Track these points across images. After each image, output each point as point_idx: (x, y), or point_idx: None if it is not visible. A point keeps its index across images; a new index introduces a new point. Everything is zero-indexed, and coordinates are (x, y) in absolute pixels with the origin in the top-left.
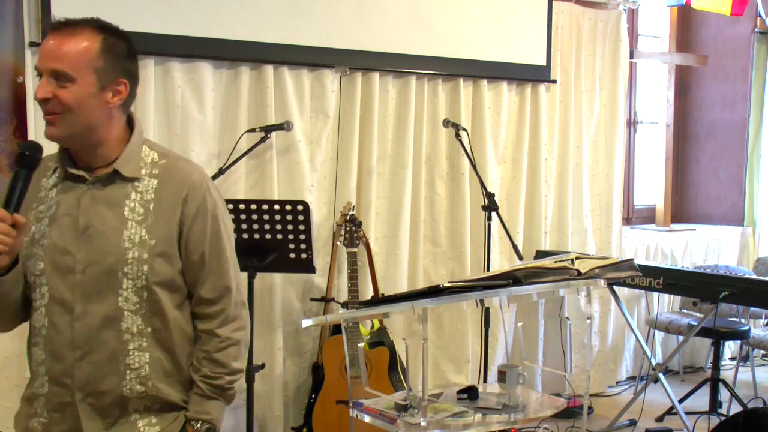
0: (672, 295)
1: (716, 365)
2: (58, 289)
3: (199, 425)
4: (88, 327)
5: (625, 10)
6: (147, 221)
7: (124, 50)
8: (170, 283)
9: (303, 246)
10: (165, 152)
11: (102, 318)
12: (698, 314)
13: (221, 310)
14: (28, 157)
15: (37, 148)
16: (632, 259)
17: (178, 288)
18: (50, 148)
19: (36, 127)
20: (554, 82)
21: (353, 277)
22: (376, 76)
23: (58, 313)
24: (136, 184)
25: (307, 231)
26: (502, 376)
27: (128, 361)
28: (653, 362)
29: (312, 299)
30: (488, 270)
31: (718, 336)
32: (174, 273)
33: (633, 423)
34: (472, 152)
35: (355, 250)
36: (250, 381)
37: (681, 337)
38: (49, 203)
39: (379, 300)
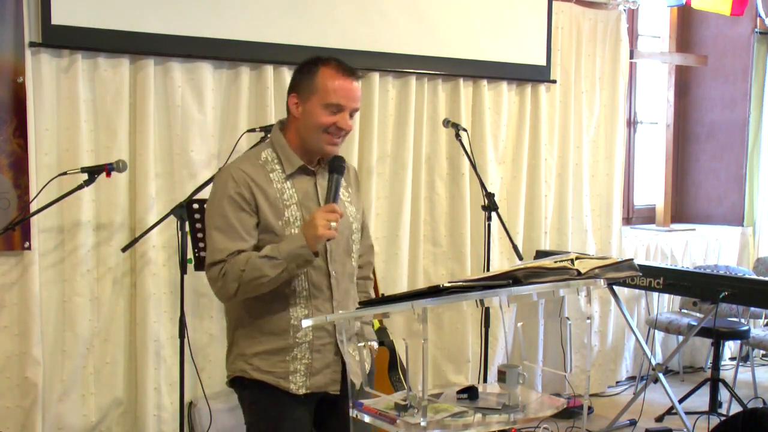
0: (672, 295)
1: (716, 365)
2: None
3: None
4: (339, 283)
5: (625, 10)
6: (353, 202)
7: None
8: None
9: None
10: None
11: (347, 275)
12: (698, 314)
13: (370, 262)
14: (338, 166)
15: (343, 159)
16: (632, 259)
17: None
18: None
19: (36, 128)
20: (554, 82)
21: None
22: (376, 76)
23: (317, 276)
24: None
25: None
26: (502, 376)
27: (356, 304)
28: (653, 362)
29: None
30: (488, 270)
31: (718, 336)
32: None
33: (633, 423)
34: (472, 152)
35: None
36: None
37: (681, 337)
38: (289, 192)
39: (379, 300)
